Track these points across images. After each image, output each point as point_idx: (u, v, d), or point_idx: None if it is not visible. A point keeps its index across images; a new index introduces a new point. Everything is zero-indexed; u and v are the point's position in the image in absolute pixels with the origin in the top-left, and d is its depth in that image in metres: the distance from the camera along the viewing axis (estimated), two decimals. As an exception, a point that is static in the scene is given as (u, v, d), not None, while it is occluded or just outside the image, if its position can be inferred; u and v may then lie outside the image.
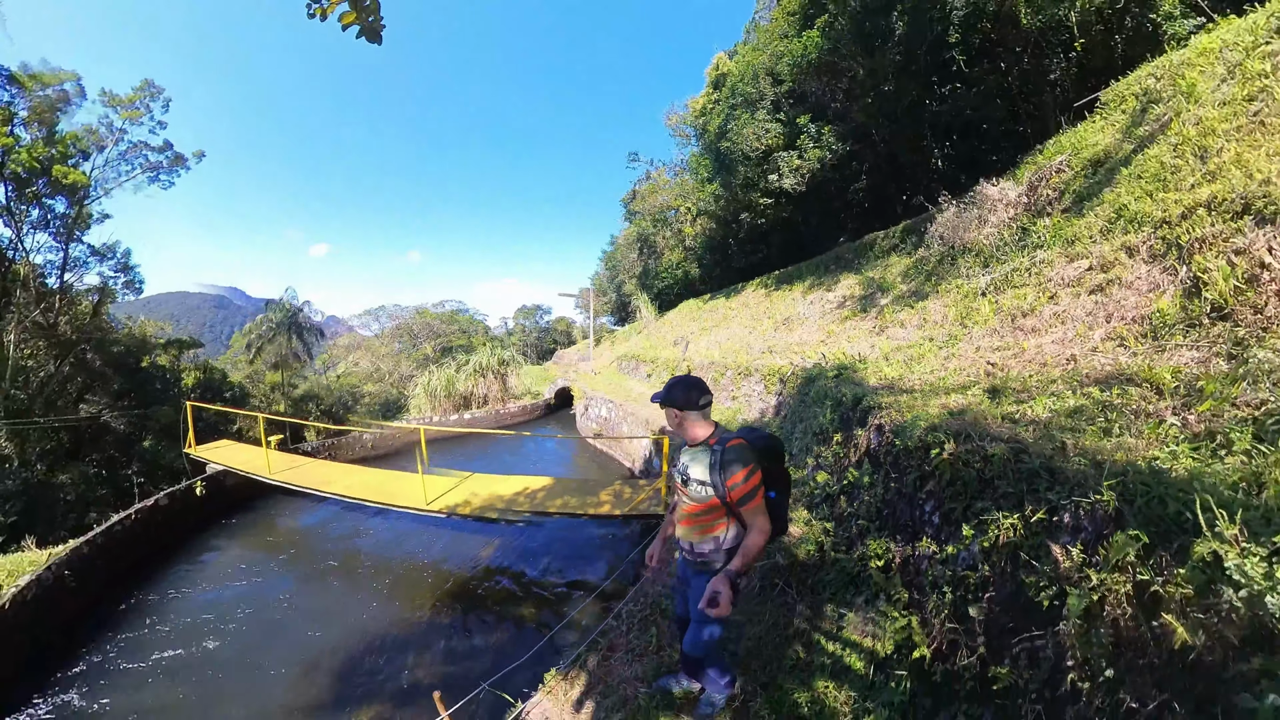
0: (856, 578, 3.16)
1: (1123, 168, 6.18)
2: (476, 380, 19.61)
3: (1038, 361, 3.72)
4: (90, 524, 16.51)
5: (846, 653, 2.82)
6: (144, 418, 23.09)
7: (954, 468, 2.69)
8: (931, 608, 2.58)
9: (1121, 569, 1.66)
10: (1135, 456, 2.02)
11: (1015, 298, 5.40)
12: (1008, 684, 1.97)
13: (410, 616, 6.70)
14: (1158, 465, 1.90)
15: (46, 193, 20.60)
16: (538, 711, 3.16)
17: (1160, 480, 1.76)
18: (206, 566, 8.62)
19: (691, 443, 2.39)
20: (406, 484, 8.10)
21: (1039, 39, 12.04)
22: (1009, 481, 2.34)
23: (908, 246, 10.44)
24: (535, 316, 71.56)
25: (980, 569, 2.37)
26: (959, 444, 2.69)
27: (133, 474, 22.00)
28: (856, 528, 3.48)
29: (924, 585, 2.73)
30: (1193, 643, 1.38)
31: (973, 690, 2.17)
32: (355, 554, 8.84)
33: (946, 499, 2.75)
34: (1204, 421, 2.05)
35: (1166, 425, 2.11)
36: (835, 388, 4.67)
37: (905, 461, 3.19)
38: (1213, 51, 7.02)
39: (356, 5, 1.85)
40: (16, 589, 6.51)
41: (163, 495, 9.61)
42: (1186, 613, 1.43)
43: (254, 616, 6.98)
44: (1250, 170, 4.33)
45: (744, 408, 7.80)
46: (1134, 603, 1.59)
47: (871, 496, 3.48)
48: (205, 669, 5.96)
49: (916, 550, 2.83)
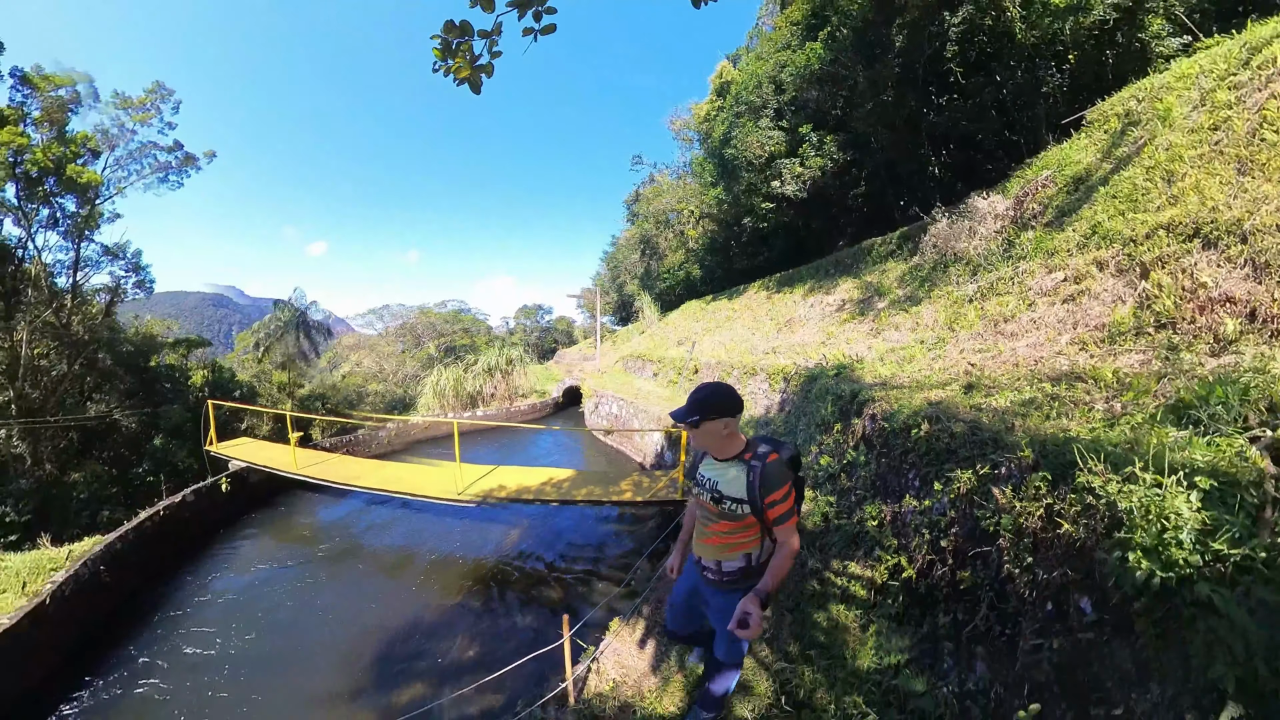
0: (856, 537, 3.87)
1: (1101, 186, 6.70)
2: (485, 379, 20.12)
3: (1010, 362, 4.25)
4: (103, 522, 16.92)
5: (852, 584, 3.56)
6: (155, 416, 23.50)
7: (928, 442, 3.44)
8: (915, 545, 3.33)
9: (1035, 499, 2.49)
10: (1057, 430, 2.76)
11: (998, 305, 5.93)
12: (970, 583, 2.77)
13: (443, 602, 7.13)
14: (1067, 434, 2.65)
15: (57, 191, 21.02)
16: (610, 652, 3.72)
17: (1063, 442, 2.54)
18: (235, 560, 9.02)
19: (722, 456, 2.21)
20: (436, 475, 8.58)
21: (1033, 54, 12.54)
22: (966, 449, 3.10)
23: (904, 253, 10.97)
24: (536, 316, 71.98)
25: (948, 513, 3.14)
26: (932, 425, 3.46)
27: (143, 473, 22.40)
28: (855, 497, 4.19)
29: (908, 532, 3.46)
30: (1076, 535, 2.19)
31: (948, 593, 2.95)
32: (383, 545, 9.30)
33: (923, 466, 3.47)
34: (1124, 409, 2.62)
35: (1094, 411, 2.69)
36: (835, 385, 5.23)
37: (893, 441, 3.91)
38: (1190, 76, 7.49)
39: (474, 65, 2.29)
40: (54, 585, 6.78)
41: (189, 492, 10.02)
42: (1073, 518, 2.23)
43: (288, 607, 7.33)
44: (1205, 196, 4.86)
45: (751, 405, 8.34)
46: (1043, 517, 2.41)
47: (866, 472, 4.18)
48: (246, 658, 6.23)
49: (902, 508, 3.56)
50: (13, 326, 20.14)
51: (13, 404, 20.01)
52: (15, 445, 20.14)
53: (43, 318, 21.26)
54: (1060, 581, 2.18)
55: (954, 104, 14.48)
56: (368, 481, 8.56)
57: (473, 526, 9.78)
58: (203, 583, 8.22)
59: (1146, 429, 2.37)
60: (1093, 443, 2.40)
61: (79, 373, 23.05)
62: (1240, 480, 1.70)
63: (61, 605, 6.80)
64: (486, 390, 20.24)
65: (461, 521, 9.85)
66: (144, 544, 8.47)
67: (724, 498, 2.17)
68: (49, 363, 22.04)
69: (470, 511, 9.91)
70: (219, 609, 7.43)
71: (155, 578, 8.29)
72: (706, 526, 2.29)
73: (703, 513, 2.32)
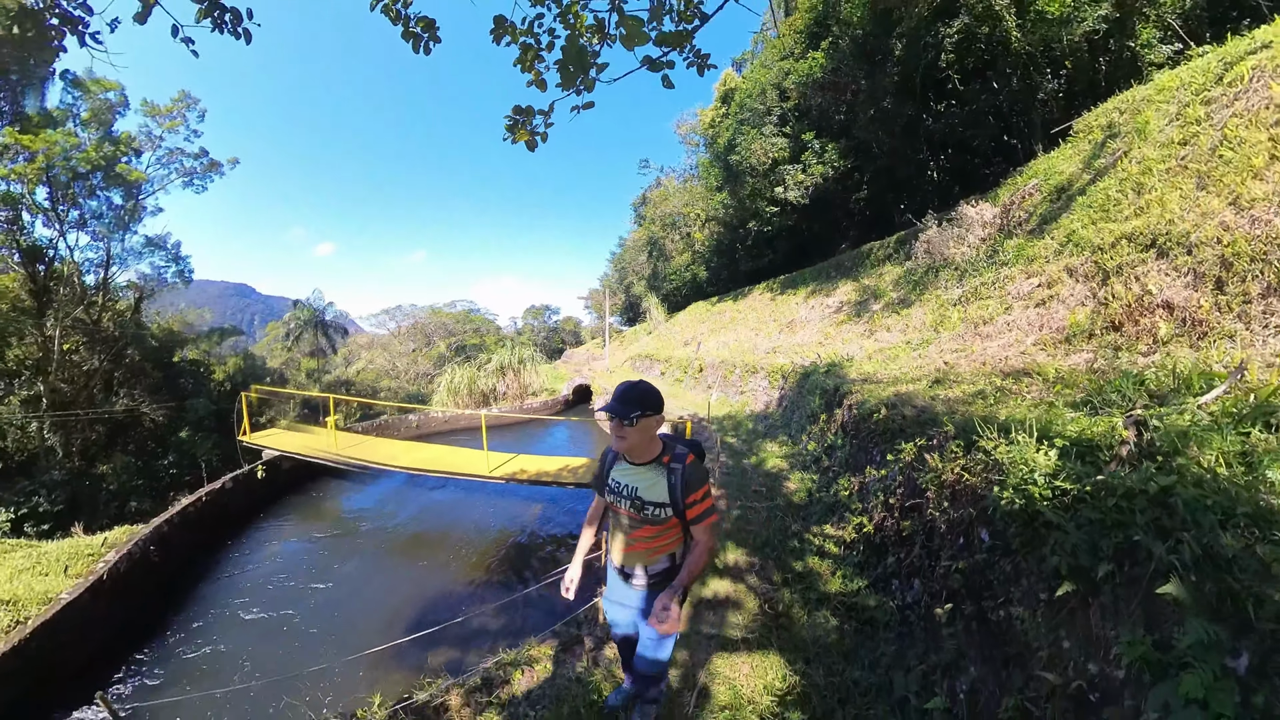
0: (832, 506, 4.50)
1: (1079, 196, 7.11)
2: (498, 378, 20.75)
3: (979, 361, 4.70)
4: (130, 513, 17.60)
5: (825, 542, 4.30)
6: (180, 409, 24.33)
7: (885, 424, 4.22)
8: (873, 506, 4.09)
9: (952, 460, 3.16)
10: (983, 412, 3.34)
11: (979, 308, 6.37)
12: (909, 530, 3.48)
13: (472, 576, 7.72)
14: (985, 413, 3.34)
15: (104, 186, 22.09)
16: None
17: (976, 418, 3.22)
18: (275, 540, 9.66)
19: (640, 460, 2.11)
20: (466, 458, 9.28)
21: (1028, 62, 12.86)
22: (913, 428, 3.84)
23: (900, 256, 11.38)
24: (543, 316, 72.67)
25: (897, 479, 3.86)
26: (889, 410, 4.26)
27: (168, 464, 23.19)
28: (832, 474, 4.91)
29: (869, 496, 4.19)
30: (976, 484, 2.85)
31: (894, 540, 3.66)
32: (414, 525, 9.95)
33: (881, 443, 4.18)
34: (1046, 398, 3.11)
35: (1024, 400, 3.18)
36: (824, 381, 5.73)
37: (862, 425, 4.65)
38: (1170, 90, 7.84)
39: (533, 132, 2.80)
40: (106, 564, 7.41)
41: (229, 478, 10.69)
42: (974, 472, 2.89)
43: (327, 580, 7.91)
44: (1166, 209, 5.28)
45: (751, 400, 8.82)
46: (956, 473, 3.08)
47: (842, 453, 4.92)
48: (292, 627, 6.81)
49: (866, 478, 4.31)
50: (43, 323, 21.00)
51: (44, 398, 20.89)
52: (47, 438, 21.02)
53: (74, 315, 22.07)
54: (967, 519, 2.87)
55: (952, 110, 14.86)
56: (405, 461, 9.20)
57: (498, 509, 10.40)
58: (245, 560, 8.87)
59: (1049, 411, 2.96)
60: (988, 418, 3.10)
61: (107, 367, 23.89)
62: (1094, 443, 2.27)
63: (117, 581, 7.45)
64: (499, 388, 20.86)
65: (488, 503, 10.50)
66: (188, 527, 9.10)
67: (646, 503, 2.09)
68: (79, 358, 22.87)
69: (496, 492, 10.56)
70: (261, 583, 8.04)
71: (200, 557, 8.93)
72: (630, 534, 2.20)
73: (623, 521, 2.21)
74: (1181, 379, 2.80)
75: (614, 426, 2.04)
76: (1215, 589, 1.54)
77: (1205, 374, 2.66)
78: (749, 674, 3.03)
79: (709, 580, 4.00)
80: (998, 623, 2.38)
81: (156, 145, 25.50)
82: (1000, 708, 2.15)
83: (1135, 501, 1.85)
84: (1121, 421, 2.17)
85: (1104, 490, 1.97)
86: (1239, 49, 7.31)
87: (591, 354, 39.40)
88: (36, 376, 20.94)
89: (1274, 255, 3.50)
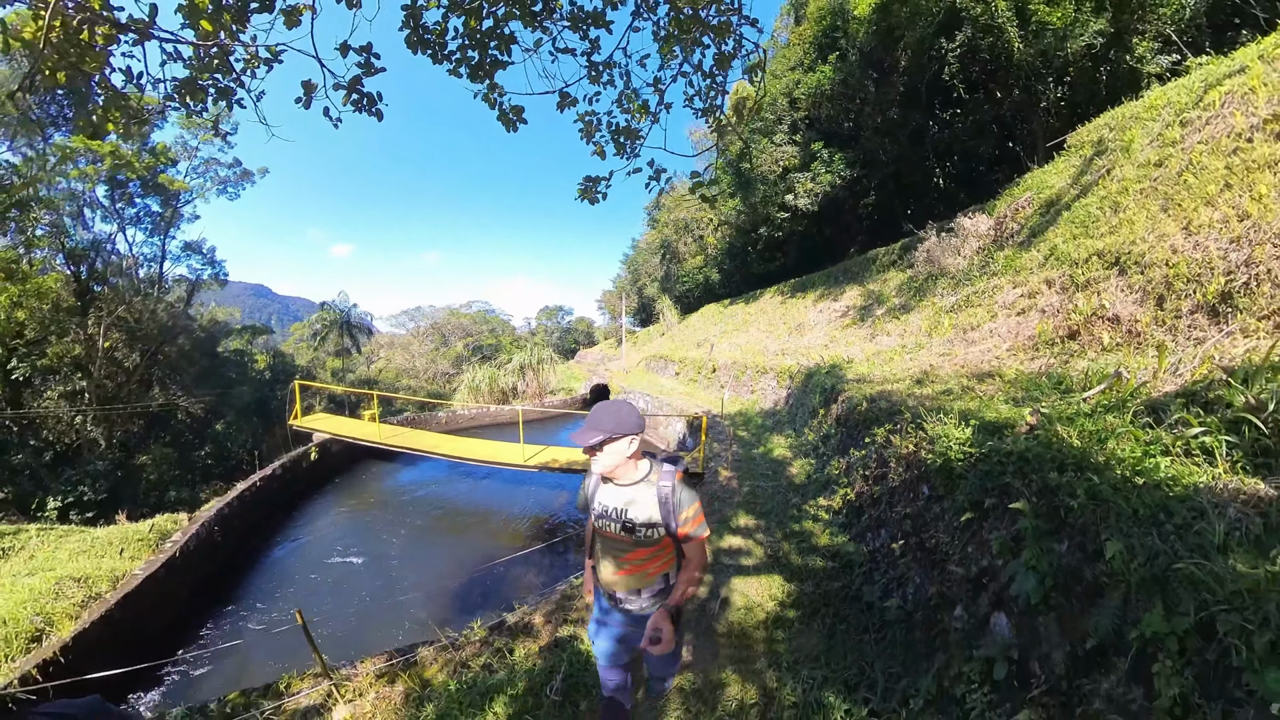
0: (825, 484, 5.40)
1: (1065, 211, 7.67)
2: (518, 376, 21.64)
3: (960, 364, 5.34)
4: (170, 502, 18.65)
5: (819, 510, 5.21)
6: (222, 399, 25.57)
7: (866, 413, 5.11)
8: (855, 480, 5.04)
9: (908, 438, 4.01)
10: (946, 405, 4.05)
11: (969, 316, 6.99)
12: (877, 494, 4.39)
13: (507, 551, 8.51)
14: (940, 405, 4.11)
15: (143, 194, 23.61)
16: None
17: (928, 406, 4.06)
18: (327, 517, 10.62)
19: (625, 480, 2.06)
20: (501, 448, 10.17)
21: (1030, 73, 13.31)
22: (885, 417, 4.75)
23: (903, 263, 11.96)
24: (556, 317, 73.70)
25: (872, 456, 4.79)
26: (870, 403, 5.14)
27: (204, 455, 24.37)
28: (826, 457, 5.81)
29: (853, 472, 5.10)
30: (921, 453, 3.73)
31: (869, 502, 4.56)
32: (453, 506, 10.88)
33: (863, 429, 5.07)
34: (992, 394, 3.82)
35: (981, 396, 3.88)
36: (825, 381, 6.43)
37: (851, 416, 5.59)
38: (1157, 108, 8.32)
39: (598, 193, 3.56)
40: (175, 544, 8.29)
41: (282, 462, 11.60)
42: (921, 445, 3.70)
43: (376, 554, 8.76)
44: (1134, 228, 5.87)
45: (761, 398, 9.50)
46: (910, 447, 3.90)
47: (836, 440, 5.85)
48: (346, 595, 7.62)
49: (851, 458, 5.21)
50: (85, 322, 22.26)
51: (86, 393, 22.15)
52: (90, 430, 22.27)
53: (118, 312, 23.26)
54: (914, 479, 3.86)
55: (957, 119, 15.37)
56: (448, 450, 10.12)
57: (530, 493, 11.28)
58: (299, 535, 9.79)
59: (985, 403, 3.75)
60: (940, 407, 4.01)
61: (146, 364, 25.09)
62: (1003, 423, 3.17)
63: (188, 557, 8.38)
64: (519, 387, 21.74)
65: (521, 488, 11.42)
66: (246, 509, 10.05)
67: (636, 525, 2.04)
68: (120, 354, 24.00)
69: (529, 478, 11.52)
70: (317, 557, 8.91)
71: (259, 534, 9.86)
72: (621, 558, 2.14)
73: (613, 545, 2.14)
74: (1083, 380, 3.49)
75: (586, 450, 2.02)
76: (1046, 505, 2.47)
77: (1100, 376, 3.35)
78: (757, 589, 4.00)
79: (724, 537, 4.83)
80: (931, 547, 3.40)
81: (192, 155, 26.88)
82: (928, 596, 3.20)
83: (1009, 458, 2.80)
84: (1029, 410, 2.89)
85: (993, 452, 2.88)
86: (1220, 70, 7.73)
87: (605, 354, 40.21)
88: (75, 372, 22.15)
89: (1205, 277, 4.12)
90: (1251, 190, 4.62)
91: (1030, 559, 2.30)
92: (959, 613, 2.82)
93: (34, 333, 21.25)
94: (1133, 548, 1.91)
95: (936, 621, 2.96)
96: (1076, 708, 1.91)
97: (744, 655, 3.18)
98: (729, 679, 2.94)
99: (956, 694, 2.43)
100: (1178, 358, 3.34)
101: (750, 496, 5.75)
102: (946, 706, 2.46)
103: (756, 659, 3.13)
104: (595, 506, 2.16)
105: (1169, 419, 2.46)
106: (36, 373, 21.29)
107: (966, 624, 2.71)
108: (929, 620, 3.04)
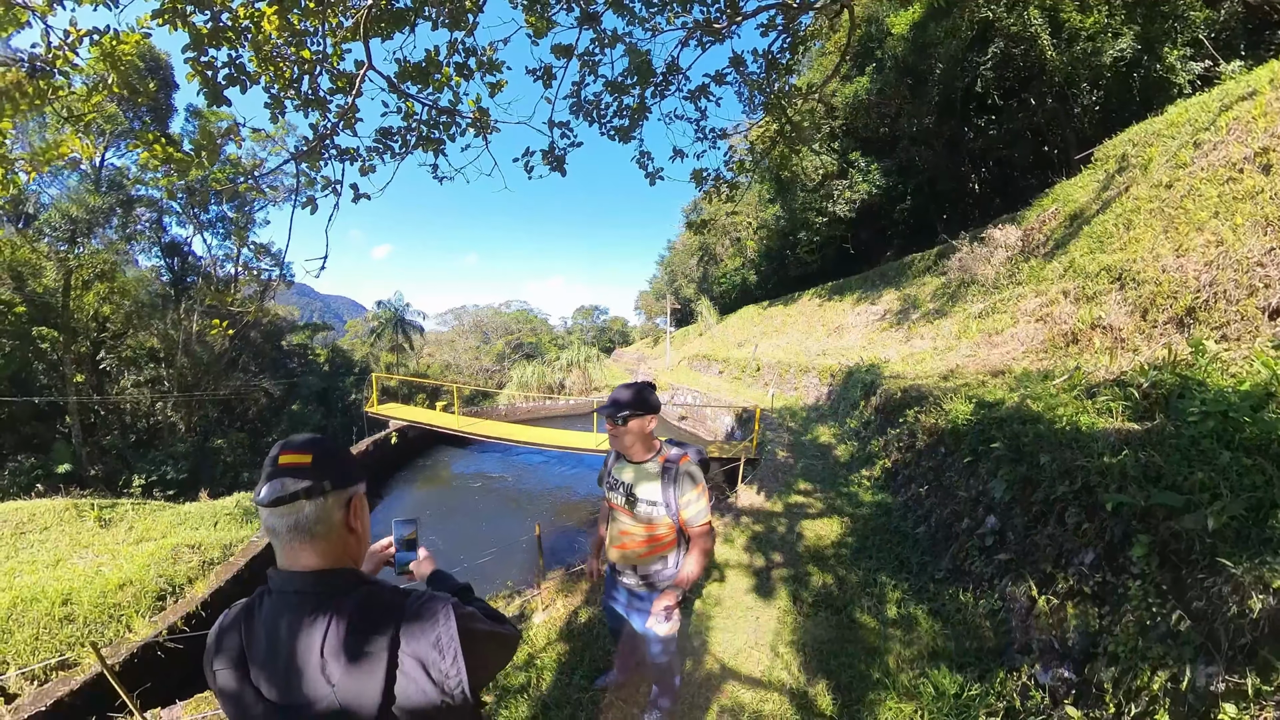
0: (867, 459, 6.55)
1: (1085, 226, 8.48)
2: (566, 373, 23.22)
3: (982, 364, 6.37)
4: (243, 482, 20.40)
5: (862, 479, 6.33)
6: (292, 387, 28.07)
7: (900, 400, 6.40)
8: (891, 453, 6.21)
9: (931, 414, 5.40)
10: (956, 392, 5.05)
11: (995, 322, 7.95)
12: (909, 460, 5.67)
13: (570, 523, 9.92)
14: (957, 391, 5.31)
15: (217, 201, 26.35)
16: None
17: (944, 391, 5.40)
18: (409, 495, 12.23)
19: (637, 458, 2.19)
20: (570, 435, 11.50)
21: (1064, 81, 13.78)
22: (915, 403, 6.04)
23: (938, 268, 12.79)
24: (592, 316, 75.42)
25: (904, 433, 5.96)
26: (904, 393, 6.37)
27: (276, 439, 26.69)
28: (866, 439, 7.00)
29: (889, 447, 6.29)
30: (940, 423, 5.16)
31: (903, 466, 5.79)
32: (521, 487, 12.28)
33: (897, 413, 6.34)
34: (996, 385, 4.92)
35: (991, 387, 4.98)
36: (864, 378, 7.56)
37: (887, 404, 6.86)
38: (1178, 125, 8.95)
39: (699, 231, 4.84)
40: None
41: (369, 442, 13.19)
42: (940, 416, 5.19)
43: (454, 526, 10.17)
44: (1140, 246, 6.74)
45: (804, 395, 10.58)
46: (931, 422, 5.33)
47: (875, 425, 7.11)
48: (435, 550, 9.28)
49: (887, 436, 6.38)
50: (178, 308, 24.83)
51: (166, 380, 24.63)
52: (170, 415, 24.71)
53: (206, 303, 25.70)
54: (934, 442, 5.17)
55: (991, 126, 15.96)
56: (522, 437, 11.58)
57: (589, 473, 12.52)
58: (386, 511, 11.22)
59: (989, 390, 4.87)
60: (956, 391, 5.25)
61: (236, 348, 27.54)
62: (997, 402, 4.24)
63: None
64: (568, 382, 23.32)
65: (579, 471, 12.70)
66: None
67: (638, 500, 2.16)
68: (213, 339, 26.24)
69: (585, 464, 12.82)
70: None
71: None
72: (621, 531, 2.26)
73: (618, 517, 2.27)
74: (1060, 373, 4.58)
75: (609, 425, 2.17)
76: (1014, 445, 3.79)
77: (1065, 370, 4.48)
78: (822, 527, 5.24)
79: (790, 496, 6.02)
80: (947, 485, 4.68)
81: (261, 166, 29.78)
82: (945, 516, 4.47)
83: (996, 423, 4.11)
84: (1018, 394, 4.05)
85: (985, 418, 4.15)
86: (1237, 90, 8.25)
87: (640, 353, 41.51)
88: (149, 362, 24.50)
89: (1180, 294, 5.09)
90: (1231, 220, 5.53)
91: (1003, 474, 3.74)
92: (965, 522, 4.13)
93: (118, 326, 23.65)
94: (1055, 459, 3.28)
95: (950, 529, 4.29)
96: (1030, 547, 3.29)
97: (820, 561, 4.45)
98: (813, 572, 4.25)
99: (965, 567, 3.74)
100: (1130, 358, 4.40)
101: (805, 470, 6.92)
102: (959, 578, 3.74)
103: (829, 560, 4.43)
104: (609, 479, 2.32)
105: (1099, 395, 3.62)
106: (121, 363, 23.71)
107: (969, 526, 4.04)
108: (945, 531, 4.35)
